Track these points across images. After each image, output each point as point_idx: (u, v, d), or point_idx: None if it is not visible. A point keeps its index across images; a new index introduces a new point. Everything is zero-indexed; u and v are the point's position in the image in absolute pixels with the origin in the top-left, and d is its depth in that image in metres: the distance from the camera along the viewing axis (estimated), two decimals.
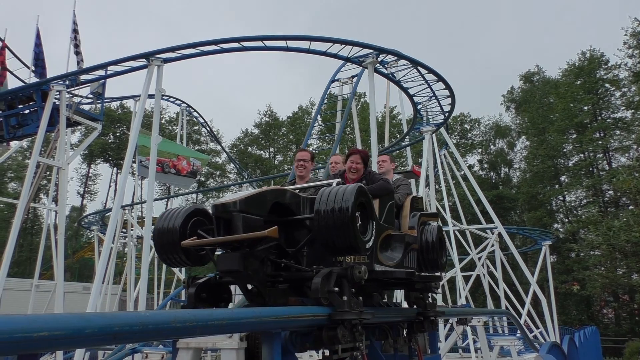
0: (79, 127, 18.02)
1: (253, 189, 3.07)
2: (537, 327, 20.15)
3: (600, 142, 34.57)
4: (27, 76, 13.94)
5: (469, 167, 39.40)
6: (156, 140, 12.39)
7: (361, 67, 14.53)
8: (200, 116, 27.76)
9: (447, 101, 16.39)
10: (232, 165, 46.06)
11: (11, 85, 13.57)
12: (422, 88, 15.84)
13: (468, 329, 12.50)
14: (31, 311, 16.35)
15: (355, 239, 2.75)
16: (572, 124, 35.84)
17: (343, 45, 13.42)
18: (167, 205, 34.82)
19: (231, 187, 39.82)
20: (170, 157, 19.83)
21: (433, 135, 17.63)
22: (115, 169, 45.16)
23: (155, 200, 18.82)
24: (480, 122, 47.97)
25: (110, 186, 45.23)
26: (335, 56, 14.04)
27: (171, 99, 24.69)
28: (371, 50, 13.58)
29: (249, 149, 50.70)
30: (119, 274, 29.76)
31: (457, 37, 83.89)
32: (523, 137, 44.93)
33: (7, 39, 14.24)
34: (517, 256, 17.74)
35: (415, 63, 14.41)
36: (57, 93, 11.98)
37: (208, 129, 31.79)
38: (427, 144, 17.18)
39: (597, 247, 25.93)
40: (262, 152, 51.20)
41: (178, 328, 1.73)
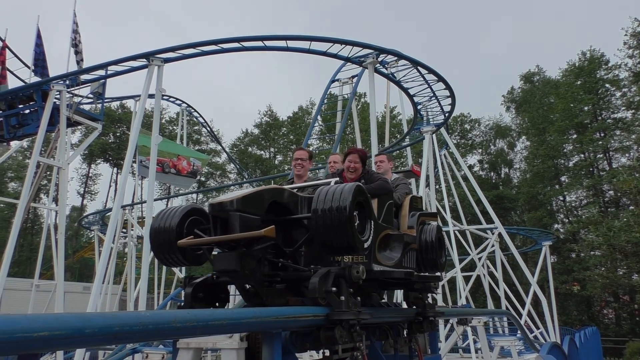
0: (79, 127, 18.01)
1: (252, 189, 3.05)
2: (538, 328, 20.13)
3: (600, 143, 34.54)
4: (28, 76, 13.98)
5: (469, 167, 39.40)
6: (156, 140, 12.40)
7: (361, 67, 14.55)
8: (201, 116, 27.80)
9: (447, 101, 16.40)
10: (232, 165, 46.07)
11: (11, 85, 13.59)
12: (423, 88, 15.86)
13: (468, 329, 12.47)
14: (31, 311, 16.35)
15: (353, 239, 2.72)
16: (572, 124, 35.82)
17: (343, 45, 13.43)
18: (167, 205, 34.77)
19: (231, 187, 39.74)
20: (170, 157, 19.84)
21: (433, 135, 17.63)
22: (115, 169, 45.18)
23: (155, 200, 18.82)
24: (481, 122, 48.02)
25: (110, 186, 45.28)
26: (335, 56, 14.06)
27: (171, 99, 24.71)
28: (371, 51, 13.60)
29: (249, 149, 50.70)
30: (119, 273, 29.76)
31: (457, 37, 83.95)
32: (523, 137, 44.93)
33: (7, 39, 14.27)
34: (518, 256, 17.73)
35: (415, 63, 14.41)
36: (58, 93, 11.98)
37: (208, 129, 31.79)
38: (428, 144, 17.18)
39: (598, 247, 25.95)
40: (262, 152, 51.20)
41: (178, 328, 1.73)
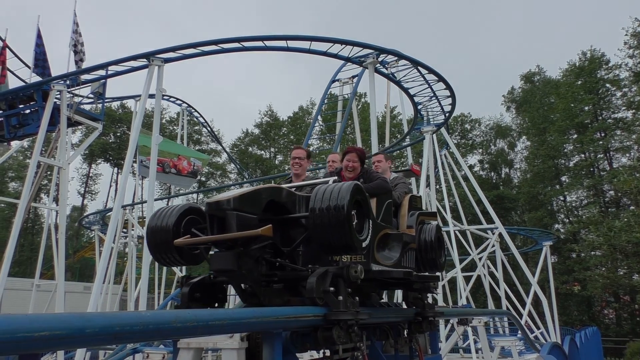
0: (80, 127, 18.02)
1: (249, 188, 3.02)
2: (538, 328, 20.13)
3: (601, 143, 34.52)
4: (28, 76, 13.98)
5: (470, 167, 39.38)
6: (157, 140, 12.41)
7: (362, 67, 14.56)
8: (201, 116, 27.81)
9: (448, 101, 16.41)
10: (232, 165, 46.08)
11: (12, 85, 13.60)
12: (423, 88, 15.87)
13: (469, 329, 12.46)
14: (32, 311, 16.36)
15: (351, 238, 2.69)
16: (572, 124, 35.81)
17: (343, 46, 13.44)
18: (167, 205, 34.75)
19: (232, 187, 39.73)
20: (170, 157, 19.84)
21: (434, 135, 17.63)
22: (115, 169, 45.19)
23: (155, 200, 18.81)
24: (481, 122, 48.01)
25: (110, 186, 45.30)
26: (335, 56, 14.07)
27: (172, 99, 24.72)
28: (371, 51, 13.61)
29: (250, 149, 50.71)
30: (119, 273, 29.76)
31: (457, 37, 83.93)
32: (524, 137, 44.92)
33: (7, 39, 14.28)
34: (518, 256, 17.72)
35: (415, 63, 14.42)
36: (58, 93, 11.98)
37: (209, 129, 31.80)
38: (428, 144, 17.18)
39: (598, 247, 25.96)
40: (262, 152, 51.20)
41: (179, 328, 1.73)
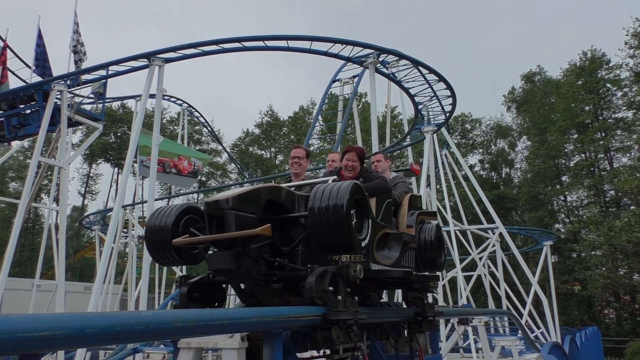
0: (80, 127, 18.02)
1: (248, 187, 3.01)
2: (539, 328, 20.12)
3: (601, 142, 34.51)
4: (29, 76, 13.99)
5: (470, 167, 39.35)
6: (157, 140, 12.40)
7: (362, 67, 14.55)
8: (202, 116, 27.78)
9: (448, 101, 16.40)
10: (233, 165, 46.09)
11: (13, 85, 13.60)
12: (423, 88, 15.87)
13: (469, 329, 12.47)
14: (32, 311, 16.37)
15: (350, 237, 2.68)
16: (573, 124, 35.79)
17: (344, 46, 13.44)
18: (167, 205, 34.77)
19: (232, 187, 39.74)
20: (171, 157, 19.86)
21: (434, 135, 17.63)
22: (116, 169, 45.20)
23: (156, 200, 18.80)
24: (481, 122, 47.98)
25: (111, 186, 45.31)
26: (336, 56, 14.06)
27: (172, 99, 24.70)
28: (372, 51, 13.60)
29: (250, 148, 50.72)
30: (120, 273, 29.77)
31: (458, 37, 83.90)
32: (524, 137, 44.89)
33: (8, 39, 14.27)
34: (518, 256, 17.71)
35: (416, 63, 14.41)
36: (59, 93, 11.98)
37: (209, 128, 31.79)
38: (428, 143, 17.18)
39: (599, 247, 25.91)
40: (263, 152, 51.21)
41: (179, 328, 1.73)
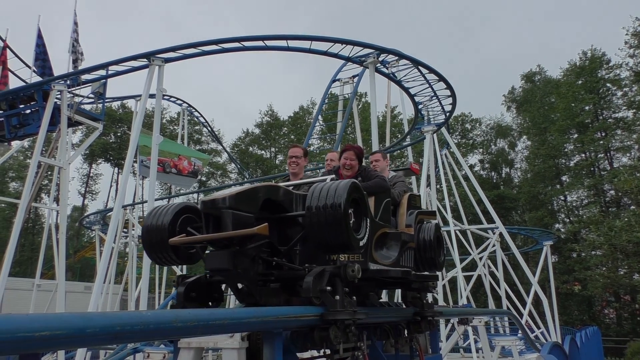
0: (80, 126, 18.02)
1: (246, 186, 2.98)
2: (539, 327, 20.12)
3: (601, 142, 34.51)
4: (29, 76, 13.99)
5: (470, 167, 39.35)
6: (157, 140, 12.40)
7: (362, 67, 14.54)
8: (202, 116, 27.78)
9: (448, 101, 16.40)
10: (233, 165, 46.10)
11: (12, 85, 13.60)
12: (423, 88, 15.86)
13: (469, 329, 12.47)
14: (33, 311, 16.37)
15: (348, 237, 2.66)
16: (573, 123, 35.80)
17: (344, 45, 13.43)
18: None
19: (232, 187, 39.70)
20: (171, 156, 19.85)
21: (434, 135, 17.63)
22: (116, 169, 45.22)
23: (156, 200, 18.79)
24: (482, 122, 48.01)
25: (111, 186, 45.32)
26: (336, 56, 14.05)
27: (172, 99, 24.70)
28: (372, 50, 13.59)
29: (250, 148, 50.73)
30: (120, 273, 29.77)
31: (458, 37, 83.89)
32: (524, 137, 44.90)
33: (8, 39, 14.28)
34: (519, 256, 17.71)
35: (416, 63, 14.41)
36: (58, 93, 11.98)
37: (209, 128, 31.79)
38: (428, 143, 17.18)
39: (599, 247, 25.90)
40: (263, 152, 51.22)
41: (179, 328, 1.73)
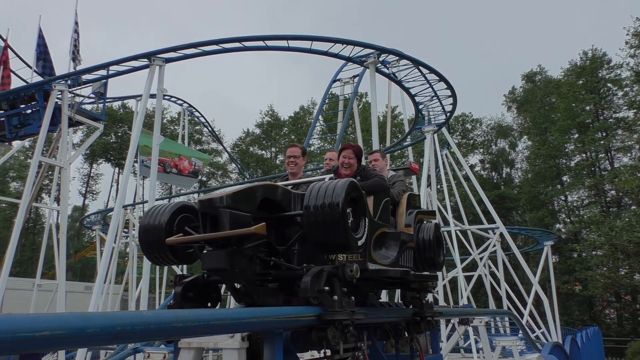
0: (81, 126, 18.04)
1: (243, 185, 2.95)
2: (539, 328, 20.12)
3: (602, 142, 34.48)
4: (29, 76, 14.00)
5: (471, 167, 39.35)
6: (158, 140, 12.40)
7: (363, 67, 14.53)
8: (202, 116, 27.78)
9: (449, 101, 16.39)
10: (233, 165, 46.12)
11: (13, 85, 13.61)
12: (424, 88, 15.85)
13: (470, 329, 12.48)
14: (33, 310, 16.38)
15: (346, 236, 2.64)
16: (574, 123, 35.77)
17: (344, 45, 13.42)
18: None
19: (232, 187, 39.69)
20: (172, 156, 19.85)
21: (435, 135, 17.62)
22: (117, 169, 45.22)
23: (157, 200, 18.81)
24: (482, 122, 47.99)
25: (112, 186, 45.33)
26: (336, 56, 14.04)
27: (173, 99, 24.70)
28: (372, 50, 13.58)
29: (251, 148, 50.74)
30: (120, 273, 29.78)
31: (458, 37, 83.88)
32: (525, 137, 44.85)
33: (9, 39, 14.28)
34: (519, 256, 17.70)
35: (416, 63, 14.40)
36: (59, 93, 12.00)
37: (209, 128, 31.80)
38: (429, 143, 17.18)
39: (599, 247, 25.89)
40: (263, 152, 51.23)
41: (180, 328, 1.73)
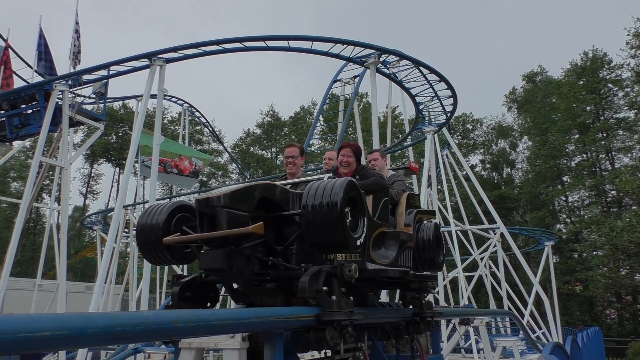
0: (82, 127, 18.07)
1: (241, 184, 2.93)
2: (540, 328, 20.12)
3: (602, 142, 34.44)
4: (30, 76, 14.01)
5: (471, 167, 39.36)
6: (158, 140, 12.41)
7: (363, 68, 14.54)
8: (203, 116, 27.80)
9: (449, 101, 16.39)
10: (234, 165, 46.14)
11: (14, 85, 13.62)
12: (424, 88, 15.85)
13: (470, 329, 12.47)
14: (34, 311, 16.39)
15: (345, 236, 2.62)
16: (574, 124, 35.74)
17: (345, 46, 13.43)
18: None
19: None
20: (172, 157, 19.86)
21: (435, 135, 17.61)
22: (117, 169, 45.25)
23: (157, 200, 18.83)
24: (483, 122, 47.97)
25: (112, 186, 45.36)
26: (337, 56, 14.05)
27: (173, 99, 24.72)
28: (373, 51, 13.58)
29: (251, 149, 50.76)
30: (121, 273, 29.78)
31: (459, 37, 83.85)
32: (525, 137, 44.84)
33: (10, 39, 14.29)
34: (520, 256, 17.70)
35: (417, 63, 14.40)
36: (60, 93, 12.01)
37: (210, 129, 31.83)
38: (429, 144, 17.18)
39: (600, 247, 25.87)
40: (264, 152, 51.25)
41: (180, 328, 1.72)
